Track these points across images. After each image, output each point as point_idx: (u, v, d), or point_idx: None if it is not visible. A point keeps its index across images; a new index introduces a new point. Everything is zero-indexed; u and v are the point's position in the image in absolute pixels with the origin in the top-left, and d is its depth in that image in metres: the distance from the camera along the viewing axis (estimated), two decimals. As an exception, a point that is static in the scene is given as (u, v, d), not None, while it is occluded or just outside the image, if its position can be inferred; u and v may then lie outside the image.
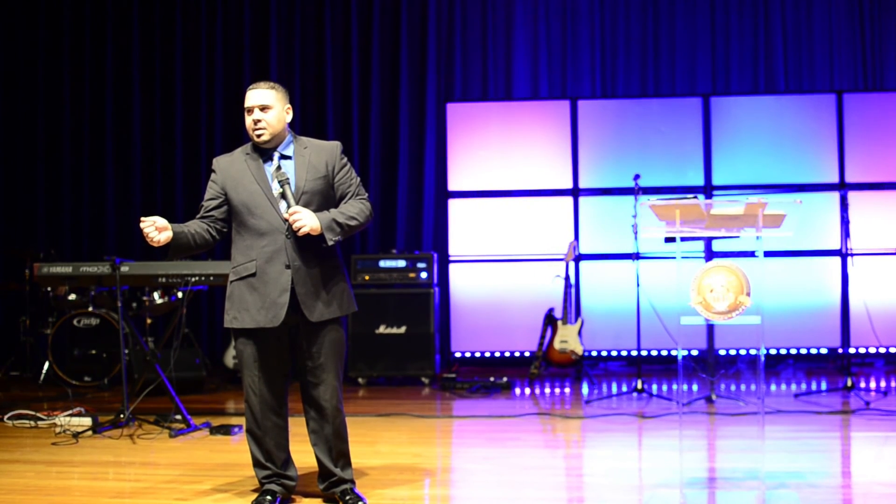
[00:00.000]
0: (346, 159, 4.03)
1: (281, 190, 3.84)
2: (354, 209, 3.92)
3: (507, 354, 8.28)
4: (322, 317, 3.85)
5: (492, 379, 7.29)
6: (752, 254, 4.49)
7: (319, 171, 3.92)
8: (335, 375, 3.92)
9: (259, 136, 3.88)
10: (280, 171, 3.87)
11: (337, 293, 3.90)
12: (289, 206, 3.80)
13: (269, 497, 3.92)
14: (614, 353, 8.22)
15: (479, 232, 8.34)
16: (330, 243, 3.81)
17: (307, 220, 3.76)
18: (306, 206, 3.82)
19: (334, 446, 3.93)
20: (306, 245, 3.82)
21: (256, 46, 9.11)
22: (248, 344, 3.88)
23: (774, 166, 8.15)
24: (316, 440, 3.94)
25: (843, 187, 7.89)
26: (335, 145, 4.03)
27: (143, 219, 3.77)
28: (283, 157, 3.93)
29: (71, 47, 9.26)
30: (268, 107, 3.88)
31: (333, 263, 3.92)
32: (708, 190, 8.19)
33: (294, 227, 3.76)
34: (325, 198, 3.92)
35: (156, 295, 7.52)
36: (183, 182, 9.11)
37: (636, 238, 6.88)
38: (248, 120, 3.89)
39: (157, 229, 3.75)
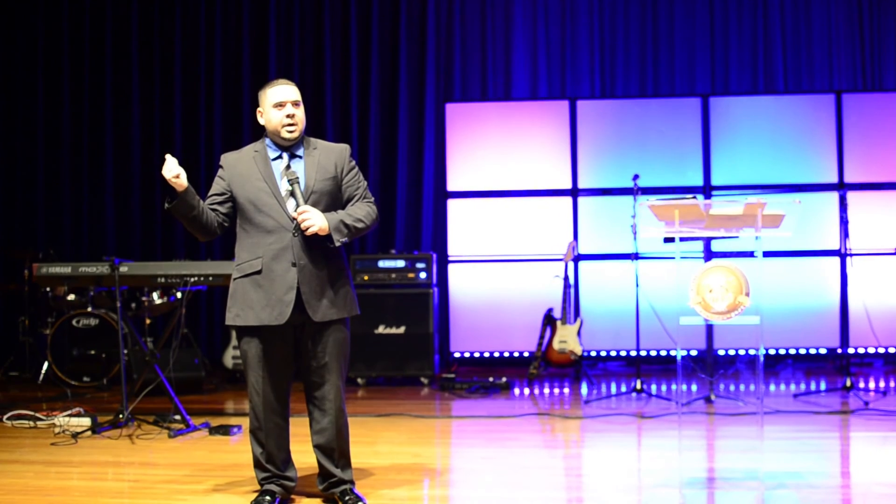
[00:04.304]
0: (354, 162, 4.05)
1: (290, 188, 3.84)
2: (362, 212, 3.93)
3: (507, 355, 8.28)
4: (326, 317, 3.85)
5: (491, 379, 7.29)
6: (751, 254, 4.49)
7: (328, 171, 3.93)
8: (339, 375, 3.92)
9: (291, 131, 3.89)
10: (290, 170, 3.87)
11: (341, 294, 3.90)
12: (297, 205, 3.81)
13: (268, 497, 3.93)
14: (613, 354, 8.22)
15: (478, 232, 8.33)
16: (337, 244, 3.82)
17: (316, 220, 3.76)
18: (314, 205, 3.83)
19: (336, 446, 3.92)
20: (313, 244, 3.83)
21: (256, 46, 9.10)
22: (253, 343, 3.88)
23: (773, 166, 8.15)
24: (318, 440, 3.94)
25: (842, 187, 7.90)
26: (344, 148, 4.04)
27: (167, 156, 3.81)
28: (293, 156, 3.94)
29: (70, 47, 9.25)
30: (299, 103, 3.92)
31: (339, 265, 3.92)
32: (707, 190, 8.19)
33: (302, 226, 3.77)
34: (332, 199, 3.92)
35: (155, 295, 7.52)
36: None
37: (635, 238, 6.88)
38: (279, 115, 3.87)
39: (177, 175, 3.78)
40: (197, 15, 9.14)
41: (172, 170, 3.77)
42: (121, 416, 5.71)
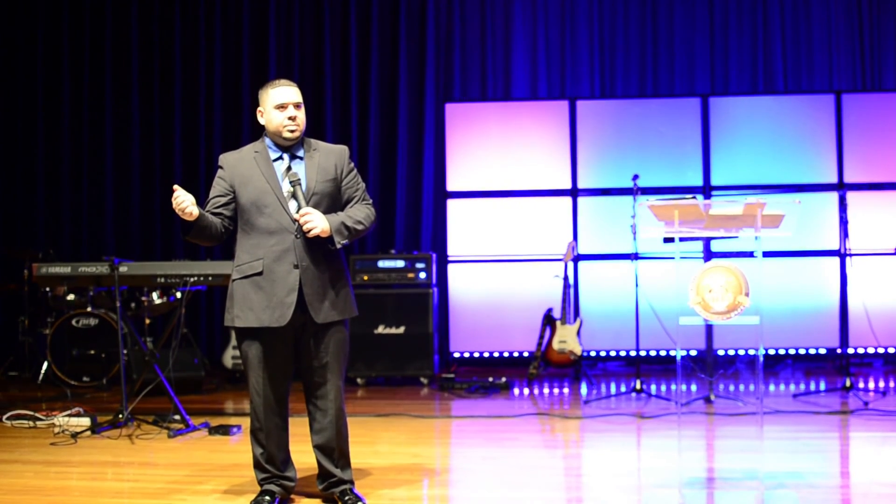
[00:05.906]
0: (353, 164, 4.05)
1: (292, 190, 3.84)
2: (361, 214, 3.94)
3: (506, 355, 8.28)
4: (327, 318, 3.85)
5: (490, 379, 7.29)
6: (750, 254, 4.49)
7: (329, 173, 3.93)
8: (339, 375, 3.92)
9: (292, 131, 3.88)
10: (291, 171, 3.87)
11: (342, 296, 3.91)
12: (299, 207, 3.80)
13: (267, 497, 3.93)
14: (613, 354, 8.22)
15: (477, 232, 8.33)
16: (338, 246, 3.82)
17: (318, 222, 3.77)
18: (315, 207, 3.83)
19: (336, 446, 3.93)
20: (315, 246, 3.83)
21: (255, 46, 9.10)
22: (253, 345, 3.88)
23: (773, 166, 8.15)
24: (318, 440, 3.94)
25: (841, 187, 7.89)
26: (344, 149, 4.05)
27: (175, 187, 3.71)
28: (294, 157, 3.93)
29: (70, 47, 9.25)
30: (301, 104, 3.91)
31: (338, 266, 3.93)
32: (707, 190, 8.19)
33: (304, 228, 3.77)
34: (333, 200, 3.92)
35: (154, 295, 7.52)
36: (182, 182, 9.05)
37: (635, 238, 6.89)
38: (281, 117, 3.86)
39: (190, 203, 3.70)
40: (197, 15, 9.14)
41: (180, 203, 3.68)
42: (120, 416, 5.71)
